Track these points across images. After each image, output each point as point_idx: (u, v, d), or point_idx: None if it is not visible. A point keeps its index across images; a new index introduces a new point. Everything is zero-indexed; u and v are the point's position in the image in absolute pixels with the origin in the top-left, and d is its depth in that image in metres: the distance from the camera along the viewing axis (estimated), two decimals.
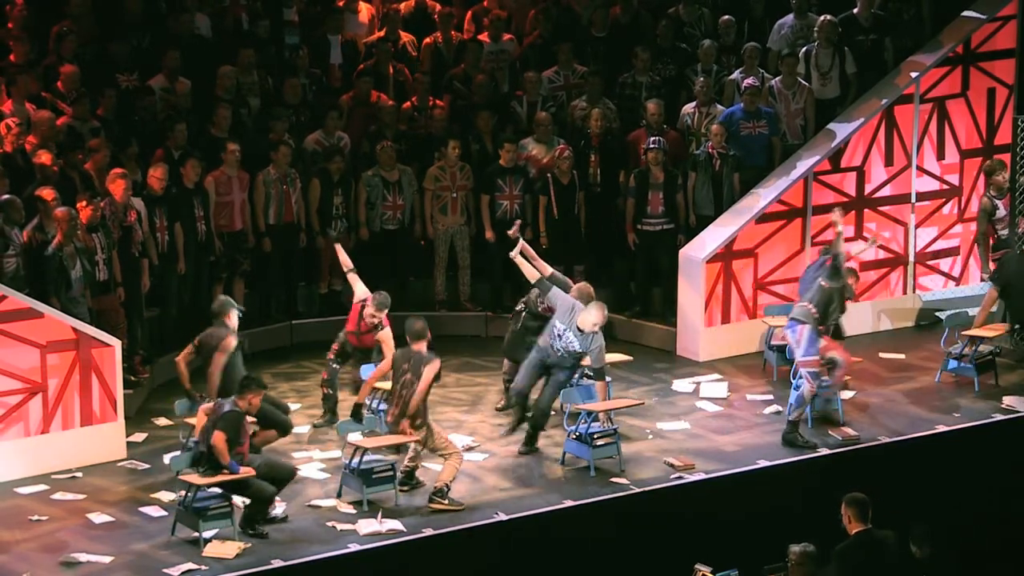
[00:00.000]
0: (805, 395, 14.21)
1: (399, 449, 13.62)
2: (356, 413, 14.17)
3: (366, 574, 12.45)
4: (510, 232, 14.73)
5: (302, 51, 17.60)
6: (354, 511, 13.08)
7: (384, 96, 17.56)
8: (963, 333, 15.82)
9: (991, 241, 16.88)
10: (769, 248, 16.69)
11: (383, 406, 14.27)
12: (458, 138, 17.15)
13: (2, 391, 13.66)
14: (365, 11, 18.52)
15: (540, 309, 14.78)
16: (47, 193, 14.59)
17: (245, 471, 12.57)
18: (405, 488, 13.33)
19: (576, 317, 13.89)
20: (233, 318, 13.94)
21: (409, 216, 17.13)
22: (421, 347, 13.36)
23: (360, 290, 14.66)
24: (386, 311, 14.45)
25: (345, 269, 14.85)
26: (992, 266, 16.53)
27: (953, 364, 15.75)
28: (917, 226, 17.44)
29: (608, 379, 14.67)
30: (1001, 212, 16.77)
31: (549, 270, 14.79)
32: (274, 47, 17.80)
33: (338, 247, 14.93)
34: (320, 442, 14.47)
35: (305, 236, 16.85)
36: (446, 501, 13.08)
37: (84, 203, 14.65)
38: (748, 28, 18.38)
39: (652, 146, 16.68)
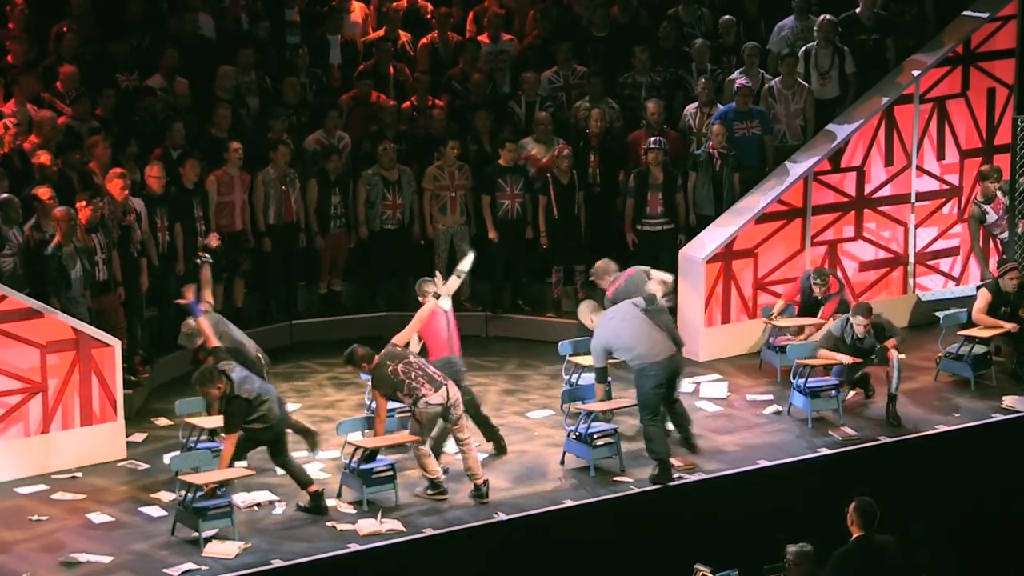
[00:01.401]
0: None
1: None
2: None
3: (366, 574, 12.46)
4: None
5: (302, 50, 17.61)
6: (354, 511, 13.08)
7: (384, 96, 17.56)
8: (959, 333, 15.83)
9: (992, 244, 16.89)
10: (769, 248, 16.69)
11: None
12: (457, 138, 17.16)
13: (2, 391, 13.66)
14: (358, 10, 18.51)
15: None
16: (43, 192, 14.59)
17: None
18: (444, 497, 13.31)
19: None
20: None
21: (409, 216, 17.13)
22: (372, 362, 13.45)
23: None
24: None
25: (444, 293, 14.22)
26: (993, 272, 16.53)
27: (950, 364, 15.76)
28: (917, 226, 17.44)
29: (609, 379, 14.67)
30: (992, 216, 16.79)
31: None
32: (274, 47, 17.80)
33: (453, 282, 14.36)
34: (320, 442, 14.45)
35: (304, 236, 16.85)
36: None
37: (84, 203, 14.65)
38: (743, 28, 18.38)
39: (652, 147, 16.68)
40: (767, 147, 17.14)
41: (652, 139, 16.75)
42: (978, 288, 16.11)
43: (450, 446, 13.97)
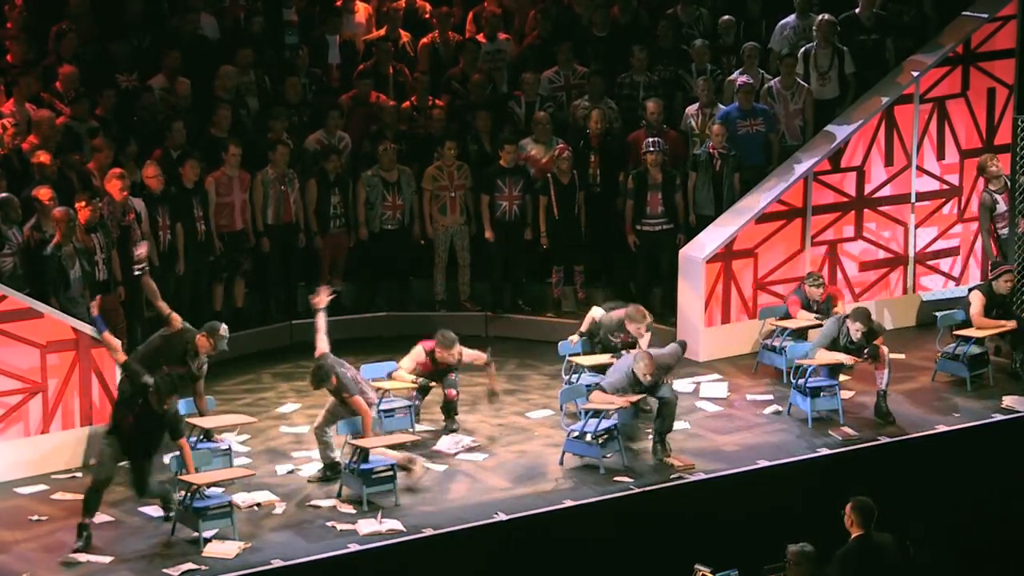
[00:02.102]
0: None
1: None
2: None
3: (366, 574, 12.46)
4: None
5: (302, 50, 17.60)
6: (354, 511, 13.08)
7: (384, 96, 17.56)
8: (954, 333, 15.83)
9: (992, 242, 16.89)
10: (769, 248, 16.68)
11: (385, 406, 14.30)
12: (456, 138, 17.15)
13: (2, 391, 13.66)
14: (362, 10, 18.51)
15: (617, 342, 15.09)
16: (44, 193, 14.58)
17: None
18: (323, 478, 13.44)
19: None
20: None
21: (408, 216, 17.13)
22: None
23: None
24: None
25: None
26: (995, 254, 16.57)
27: (947, 364, 15.77)
28: (917, 226, 17.43)
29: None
30: (1001, 207, 16.76)
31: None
32: (272, 47, 17.78)
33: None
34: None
35: (304, 236, 16.83)
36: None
37: (83, 203, 14.64)
38: (744, 28, 18.37)
39: (650, 149, 16.66)
40: (772, 145, 17.13)
41: (650, 140, 16.72)
42: (970, 291, 16.10)
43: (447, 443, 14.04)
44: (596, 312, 15.35)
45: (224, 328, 14.02)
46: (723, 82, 17.65)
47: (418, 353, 14.67)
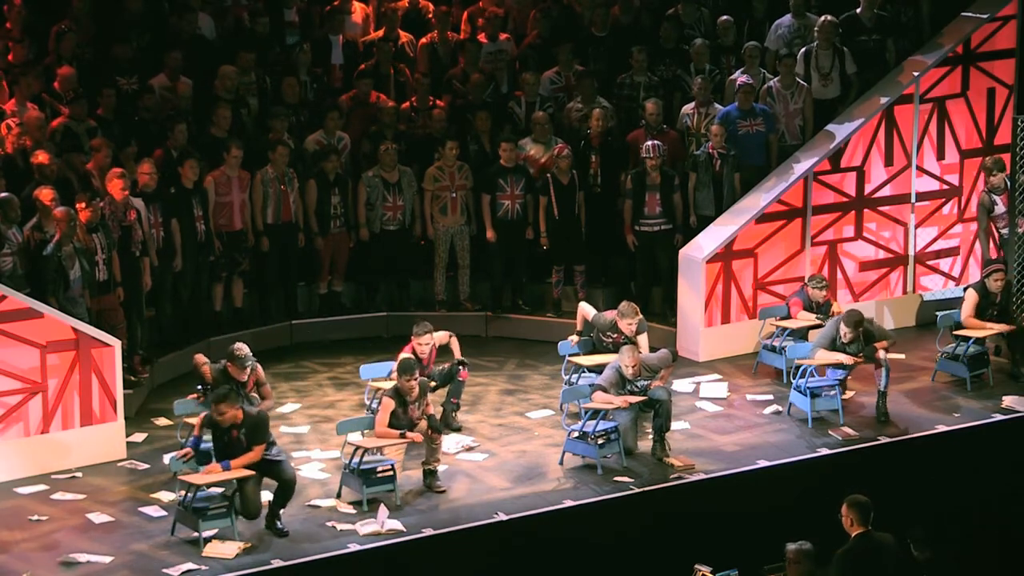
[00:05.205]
0: None
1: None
2: None
3: (366, 574, 12.46)
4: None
5: (300, 48, 17.57)
6: (354, 511, 13.08)
7: (384, 96, 17.56)
8: (954, 333, 15.83)
9: (995, 237, 16.89)
10: (769, 248, 16.69)
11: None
12: (456, 138, 17.15)
13: (2, 391, 13.66)
14: (359, 11, 18.51)
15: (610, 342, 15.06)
16: (45, 193, 14.58)
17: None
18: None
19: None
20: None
21: (409, 216, 17.13)
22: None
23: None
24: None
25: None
26: (992, 255, 16.57)
27: (947, 364, 15.77)
28: (917, 226, 17.44)
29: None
30: (999, 208, 16.76)
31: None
32: (278, 46, 17.78)
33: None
34: (320, 442, 14.48)
35: (303, 236, 16.82)
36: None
37: (83, 204, 14.64)
38: (748, 29, 18.37)
39: (649, 155, 16.64)
40: (771, 145, 17.13)
41: (648, 145, 16.70)
42: (965, 289, 16.11)
43: (451, 445, 14.07)
44: (587, 310, 15.36)
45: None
46: (723, 82, 17.65)
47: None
